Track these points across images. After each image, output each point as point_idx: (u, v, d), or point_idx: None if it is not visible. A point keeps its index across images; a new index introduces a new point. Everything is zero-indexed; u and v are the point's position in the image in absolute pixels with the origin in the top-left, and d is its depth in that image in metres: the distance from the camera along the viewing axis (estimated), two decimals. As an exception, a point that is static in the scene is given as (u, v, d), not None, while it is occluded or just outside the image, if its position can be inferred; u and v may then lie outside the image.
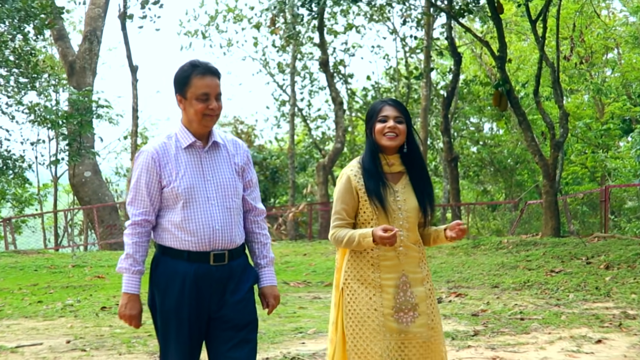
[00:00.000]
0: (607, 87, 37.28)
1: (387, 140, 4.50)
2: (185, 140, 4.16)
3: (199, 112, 4.10)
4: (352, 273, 4.51)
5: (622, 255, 14.40)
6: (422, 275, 4.55)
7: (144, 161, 4.12)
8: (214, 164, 4.20)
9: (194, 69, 4.11)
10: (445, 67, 39.79)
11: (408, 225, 4.53)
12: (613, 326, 8.76)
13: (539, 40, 22.07)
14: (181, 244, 4.10)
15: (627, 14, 36.43)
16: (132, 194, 4.14)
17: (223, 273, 4.13)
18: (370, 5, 26.74)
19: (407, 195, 4.56)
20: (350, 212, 4.54)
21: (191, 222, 4.08)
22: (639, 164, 27.63)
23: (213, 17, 37.21)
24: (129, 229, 4.13)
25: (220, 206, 4.13)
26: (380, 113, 4.54)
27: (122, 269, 4.13)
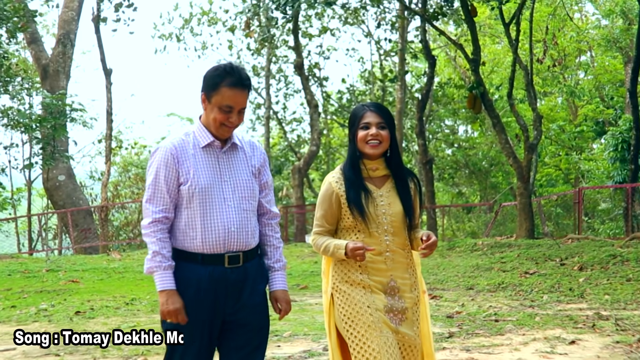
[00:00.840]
0: (580, 89, 37.53)
1: (371, 149, 4.42)
2: (203, 140, 4.09)
3: (217, 121, 4.03)
4: (339, 276, 4.46)
5: (595, 256, 14.49)
6: (410, 282, 4.50)
7: (162, 157, 4.03)
8: (232, 164, 4.13)
9: (227, 77, 4.00)
10: (420, 70, 39.95)
11: (393, 229, 4.46)
12: (586, 327, 8.82)
13: (512, 43, 22.20)
14: (195, 246, 4.01)
15: (600, 16, 36.71)
16: (151, 191, 4.02)
17: (238, 275, 4.06)
18: (345, 8, 26.80)
19: (392, 199, 4.48)
20: (329, 220, 4.50)
21: (207, 223, 4.00)
22: (612, 165, 27.80)
23: (187, 20, 37.11)
24: (149, 227, 3.99)
25: (236, 207, 4.06)
26: (362, 120, 4.44)
27: (152, 267, 3.98)
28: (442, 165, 41.51)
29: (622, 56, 34.69)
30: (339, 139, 45.06)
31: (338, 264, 4.48)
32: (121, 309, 11.12)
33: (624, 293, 11.31)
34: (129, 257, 20.62)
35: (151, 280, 12.86)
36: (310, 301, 12.04)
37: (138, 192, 32.53)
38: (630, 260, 13.71)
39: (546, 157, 38.81)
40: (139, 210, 30.82)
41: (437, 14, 22.68)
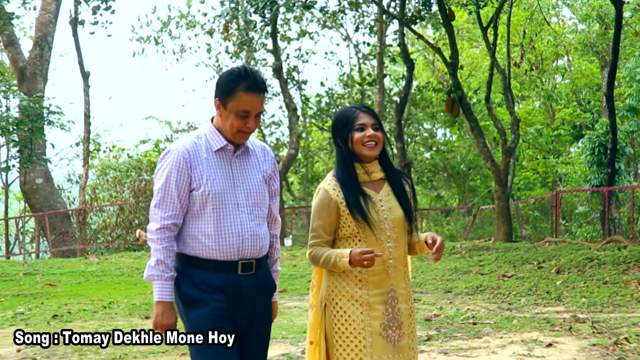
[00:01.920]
0: (558, 93, 37.76)
1: (369, 150, 4.22)
2: (216, 143, 3.94)
3: (235, 127, 3.88)
4: (336, 289, 4.22)
5: (572, 259, 14.57)
6: (406, 292, 4.31)
7: (174, 160, 3.86)
8: (244, 169, 4.01)
9: (242, 81, 3.85)
10: (398, 74, 40.03)
11: (396, 235, 4.26)
12: (563, 330, 8.86)
13: (490, 47, 22.31)
14: (208, 253, 3.87)
15: (577, 21, 36.92)
16: (160, 195, 3.87)
17: (251, 283, 3.95)
18: (324, 12, 26.81)
19: (392, 204, 4.28)
20: (327, 230, 4.24)
21: (220, 230, 3.86)
22: (589, 169, 27.97)
23: (166, 23, 37.01)
24: (156, 233, 3.85)
25: (249, 214, 3.94)
26: (356, 121, 4.23)
27: (152, 276, 3.86)
28: (420, 169, 41.62)
29: (598, 60, 34.94)
30: (317, 142, 45.11)
31: (336, 276, 4.23)
32: (99, 313, 11.08)
33: (600, 296, 11.38)
34: (107, 260, 20.55)
35: (129, 283, 12.84)
36: (288, 304, 12.04)
37: (116, 195, 32.39)
38: (607, 263, 13.80)
39: (524, 160, 39.05)
40: (117, 213, 30.69)
41: (415, 17, 22.74)
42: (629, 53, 31.65)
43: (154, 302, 3.90)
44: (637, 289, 11.72)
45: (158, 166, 3.94)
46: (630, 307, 10.44)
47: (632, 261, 13.75)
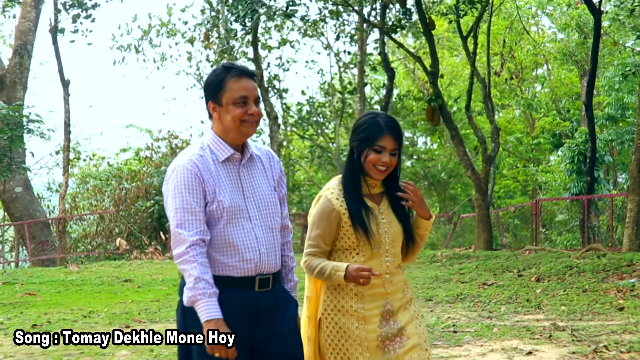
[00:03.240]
0: (537, 102, 38.00)
1: (377, 173, 4.12)
2: (222, 153, 3.73)
3: (237, 118, 3.67)
4: (331, 303, 4.12)
5: (552, 267, 14.63)
6: (405, 300, 4.21)
7: (184, 177, 3.63)
8: (252, 179, 3.81)
9: (228, 72, 3.70)
10: (379, 82, 40.14)
11: (394, 250, 4.19)
12: (543, 338, 8.89)
13: (470, 56, 22.42)
14: (223, 270, 3.66)
15: (556, 30, 37.15)
16: (180, 215, 3.59)
17: (269, 300, 3.74)
18: (304, 20, 26.84)
19: (391, 218, 4.20)
20: (326, 240, 4.12)
21: (236, 245, 3.66)
22: (568, 177, 28.12)
23: (146, 32, 36.96)
24: (187, 252, 3.56)
25: (263, 226, 3.75)
26: (377, 141, 4.07)
27: (195, 297, 3.54)
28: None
29: (577, 69, 35.15)
30: (298, 150, 45.12)
31: (331, 289, 4.14)
32: (79, 322, 11.02)
33: (580, 304, 11.43)
34: (87, 269, 20.44)
35: (109, 292, 12.76)
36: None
37: (96, 204, 32.25)
38: (587, 271, 13.86)
39: (504, 169, 39.20)
40: (97, 222, 30.55)
41: (396, 26, 22.83)
42: (607, 62, 31.88)
43: (203, 322, 3.56)
44: (616, 297, 11.78)
45: (166, 186, 3.71)
46: (609, 315, 10.49)
47: (611, 269, 13.82)
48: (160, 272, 18.74)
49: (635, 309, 10.63)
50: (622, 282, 12.80)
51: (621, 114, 30.44)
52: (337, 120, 39.77)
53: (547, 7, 37.42)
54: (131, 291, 14.98)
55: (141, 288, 15.41)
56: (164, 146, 33.82)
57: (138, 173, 32.34)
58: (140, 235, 29.13)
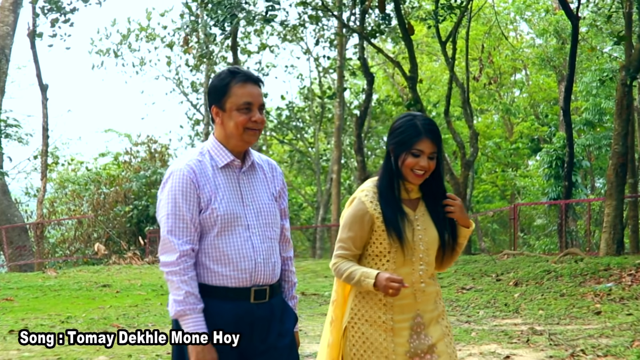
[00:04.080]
0: (516, 107, 38.20)
1: (414, 178, 3.91)
2: (222, 159, 3.59)
3: (240, 125, 3.54)
4: (359, 312, 3.94)
5: (530, 272, 14.69)
6: (437, 313, 4.03)
7: (179, 182, 3.51)
8: (253, 187, 3.67)
9: (234, 76, 3.56)
10: (359, 87, 40.22)
11: (428, 259, 3.99)
12: (521, 342, 8.94)
13: (449, 61, 22.50)
14: (217, 280, 3.52)
15: (534, 36, 37.36)
16: (172, 221, 3.49)
17: (265, 312, 3.59)
18: (284, 25, 26.87)
19: (427, 225, 3.99)
20: (357, 243, 3.95)
21: (231, 254, 3.52)
22: (546, 182, 28.26)
23: (125, 36, 36.90)
24: (177, 263, 3.46)
25: (261, 235, 3.60)
26: (415, 145, 3.88)
27: (184, 311, 3.44)
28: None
29: (555, 75, 35.37)
30: (278, 155, 45.10)
31: (360, 297, 3.96)
32: (56, 327, 10.97)
33: (557, 308, 11.49)
34: (65, 274, 20.35)
35: (87, 298, 12.68)
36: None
37: (75, 209, 32.14)
38: (564, 275, 13.93)
39: (483, 173, 39.36)
40: (75, 227, 30.44)
41: (375, 31, 22.88)
42: (585, 68, 32.09)
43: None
44: (593, 301, 11.85)
45: (161, 190, 3.60)
46: (586, 319, 10.56)
47: (589, 273, 13.90)
48: (139, 277, 18.68)
49: (612, 313, 10.70)
50: (599, 286, 12.87)
51: (599, 119, 30.65)
52: (316, 125, 39.82)
53: (525, 13, 37.64)
54: (109, 296, 14.92)
55: (120, 293, 15.35)
56: (143, 151, 33.75)
57: (117, 178, 32.25)
58: (118, 240, 29.05)
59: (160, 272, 16.20)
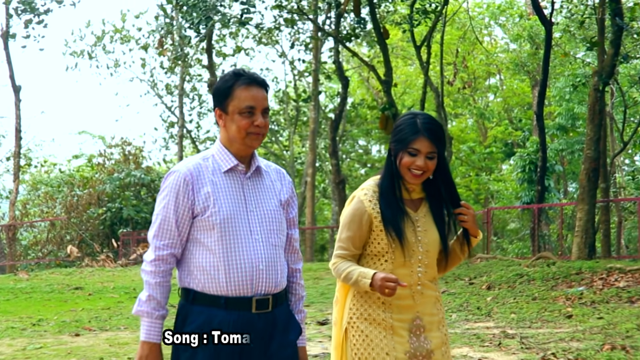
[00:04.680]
0: (490, 111, 38.37)
1: (412, 177, 3.83)
2: (225, 163, 3.49)
3: (242, 129, 3.43)
4: (358, 311, 3.88)
5: (503, 275, 14.77)
6: (438, 318, 3.96)
7: (173, 183, 3.42)
8: (258, 192, 3.54)
9: (238, 79, 3.47)
10: (334, 91, 40.25)
11: (427, 261, 3.92)
12: (493, 345, 8.98)
13: (423, 65, 22.58)
14: (217, 288, 3.37)
15: (508, 41, 37.57)
16: (158, 222, 3.44)
17: (267, 323, 3.44)
18: (259, 28, 26.86)
19: (428, 226, 3.93)
20: (357, 243, 3.90)
21: (231, 260, 3.37)
22: (520, 186, 28.42)
23: (100, 38, 36.74)
24: (151, 265, 3.40)
25: (264, 242, 3.45)
26: (412, 144, 3.81)
27: (142, 312, 3.39)
28: (355, 185, 41.80)
29: (529, 79, 35.59)
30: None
31: (357, 296, 3.90)
32: (27, 330, 10.90)
33: (529, 312, 11.55)
34: (37, 277, 20.23)
35: (59, 300, 12.61)
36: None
37: (47, 211, 31.94)
38: (536, 279, 14.01)
39: (457, 177, 39.47)
40: (48, 229, 30.28)
41: (350, 35, 22.94)
42: (558, 73, 32.32)
43: (140, 341, 3.43)
44: (564, 304, 11.92)
45: (160, 190, 3.53)
46: (557, 323, 10.62)
47: (561, 277, 13.99)
48: (112, 280, 18.60)
49: (583, 316, 10.77)
50: (570, 290, 12.96)
51: (571, 124, 30.88)
52: (291, 128, 39.81)
53: (499, 18, 37.84)
54: (82, 299, 14.85)
55: (92, 296, 15.29)
56: (117, 153, 33.60)
57: (90, 180, 32.10)
58: (91, 243, 28.90)
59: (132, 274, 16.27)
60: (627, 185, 30.13)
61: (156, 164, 40.49)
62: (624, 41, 19.60)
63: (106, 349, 9.21)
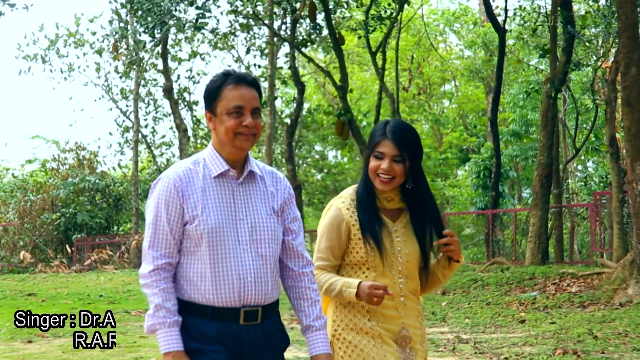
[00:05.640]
0: (445, 117, 38.65)
1: (380, 183, 3.72)
2: (215, 168, 3.33)
3: (230, 130, 3.28)
4: (342, 322, 3.74)
5: (457, 281, 14.87)
6: (421, 332, 3.82)
7: (163, 190, 3.29)
8: (249, 199, 3.38)
9: (226, 79, 3.32)
10: (290, 96, 40.25)
11: (407, 272, 3.76)
12: (447, 350, 9.04)
13: (379, 71, 22.70)
14: (204, 298, 3.25)
15: (463, 47, 37.88)
16: (152, 232, 3.28)
17: (256, 335, 3.31)
18: (215, 33, 26.80)
19: (408, 237, 3.78)
20: (336, 252, 3.76)
21: (218, 270, 3.25)
22: (474, 192, 28.63)
23: (53, 42, 36.36)
24: (149, 277, 3.24)
25: (253, 252, 3.31)
26: (376, 147, 3.73)
27: (154, 325, 3.20)
28: (311, 190, 41.89)
29: (484, 86, 35.90)
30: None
31: (340, 307, 3.76)
32: None
33: (483, 317, 11.65)
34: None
35: (11, 307, 12.47)
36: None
37: (0, 217, 31.58)
38: (490, 284, 14.14)
39: (412, 183, 39.63)
40: (0, 235, 29.96)
41: (306, 41, 22.98)
42: (512, 80, 32.63)
43: (162, 355, 3.24)
44: (518, 309, 12.05)
45: (149, 198, 3.38)
46: (511, 328, 10.73)
47: (514, 282, 14.13)
48: (66, 286, 18.41)
49: (535, 321, 10.90)
50: (524, 295, 13.10)
51: (525, 130, 31.21)
52: (247, 134, 39.69)
53: (454, 25, 38.15)
54: (35, 305, 14.68)
55: (45, 302, 15.12)
56: (71, 158, 33.30)
57: (44, 185, 31.79)
58: (45, 248, 28.63)
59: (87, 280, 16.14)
60: (579, 191, 30.48)
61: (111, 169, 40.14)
62: (575, 49, 19.85)
63: (59, 355, 9.14)
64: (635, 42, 11.96)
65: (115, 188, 34.28)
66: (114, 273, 23.08)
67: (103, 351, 9.17)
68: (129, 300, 16.47)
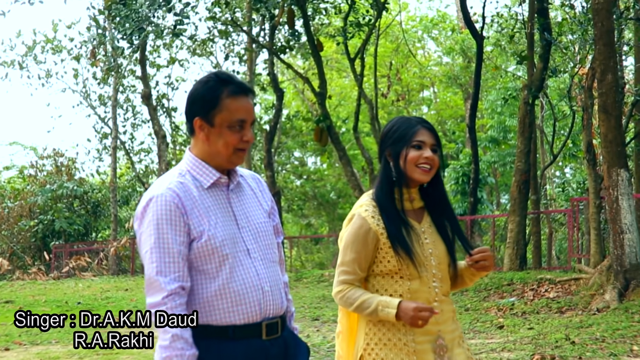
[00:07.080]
0: (424, 124, 38.60)
1: (421, 174, 3.50)
2: (207, 178, 3.08)
3: (230, 145, 3.04)
4: (375, 337, 3.47)
5: (436, 286, 14.90)
6: (458, 333, 3.60)
7: (162, 209, 2.97)
8: (244, 205, 3.17)
9: (225, 87, 3.04)
10: (269, 102, 40.25)
11: (441, 274, 3.55)
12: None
13: (357, 78, 22.75)
14: (223, 318, 3.00)
15: (441, 54, 38.01)
16: (157, 256, 2.95)
17: (279, 349, 3.12)
18: (193, 39, 26.78)
19: (434, 237, 3.58)
20: (362, 264, 3.50)
21: (236, 284, 3.01)
22: (453, 198, 28.71)
23: (31, 48, 36.21)
24: (163, 304, 2.92)
25: (263, 259, 3.12)
26: (415, 137, 3.51)
27: (172, 357, 2.88)
28: (291, 197, 41.86)
29: (462, 92, 36.04)
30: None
31: (374, 320, 3.48)
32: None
33: (462, 322, 11.68)
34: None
35: (-12, 317, 12.26)
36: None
37: (-23, 224, 31.40)
38: (469, 290, 14.18)
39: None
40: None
41: (285, 47, 23.00)
42: (490, 86, 32.79)
43: None
44: (496, 315, 12.10)
45: (140, 222, 3.04)
46: (489, 333, 10.77)
47: (493, 288, 14.18)
48: (44, 293, 18.33)
49: (514, 327, 10.94)
50: (502, 300, 13.15)
51: (503, 136, 31.35)
52: (226, 140, 39.65)
53: (432, 31, 38.28)
54: (12, 312, 14.60)
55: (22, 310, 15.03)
56: (49, 164, 33.18)
57: (22, 192, 31.67)
58: (23, 255, 28.49)
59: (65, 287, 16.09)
60: (557, 197, 30.66)
61: (89, 176, 40.03)
62: (552, 55, 19.98)
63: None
64: (611, 49, 12.07)
65: (94, 195, 34.19)
66: (92, 280, 23.01)
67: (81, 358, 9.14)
68: (107, 307, 16.41)
